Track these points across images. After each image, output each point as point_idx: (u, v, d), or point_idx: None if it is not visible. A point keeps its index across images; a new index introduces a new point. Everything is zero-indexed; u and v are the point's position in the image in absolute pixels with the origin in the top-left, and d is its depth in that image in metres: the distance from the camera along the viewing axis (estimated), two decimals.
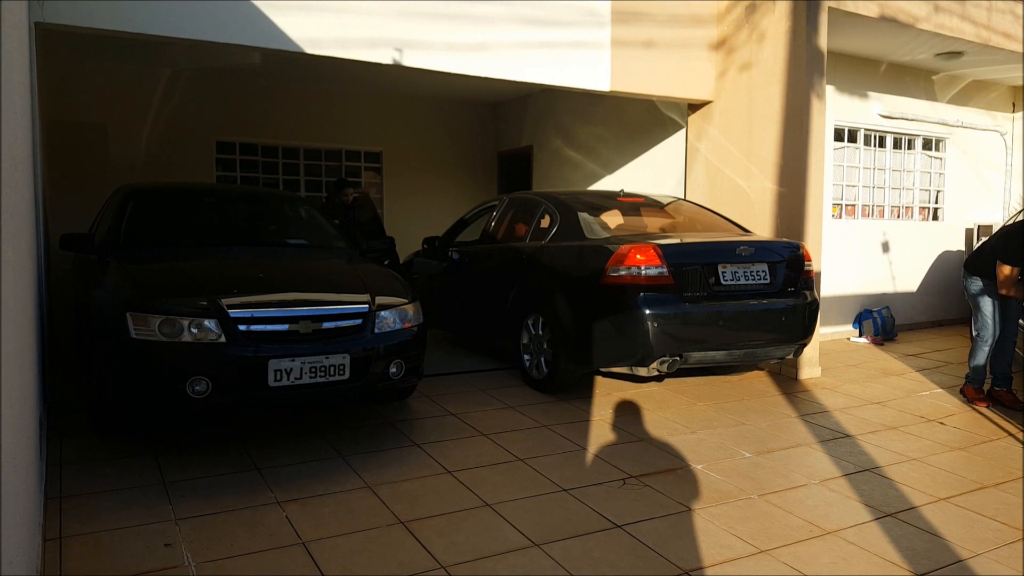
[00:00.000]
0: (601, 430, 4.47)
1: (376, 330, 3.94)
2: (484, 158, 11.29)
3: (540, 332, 5.31)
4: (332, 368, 3.71)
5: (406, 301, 4.21)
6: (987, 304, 5.02)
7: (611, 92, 6.39)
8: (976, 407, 5.12)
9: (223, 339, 3.52)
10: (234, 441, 4.06)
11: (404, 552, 2.86)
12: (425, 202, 10.37)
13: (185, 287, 3.80)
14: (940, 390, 5.65)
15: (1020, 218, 6.78)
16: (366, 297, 4.00)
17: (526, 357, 5.49)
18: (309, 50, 4.99)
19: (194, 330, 3.49)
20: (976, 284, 5.05)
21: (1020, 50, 7.31)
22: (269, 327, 3.65)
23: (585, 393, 5.28)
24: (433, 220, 8.84)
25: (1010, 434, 4.56)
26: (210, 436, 4.13)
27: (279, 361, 3.57)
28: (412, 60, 5.39)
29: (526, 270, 5.61)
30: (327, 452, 3.93)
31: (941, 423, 4.81)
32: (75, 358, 4.53)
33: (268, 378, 3.56)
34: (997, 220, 8.89)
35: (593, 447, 4.15)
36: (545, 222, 5.72)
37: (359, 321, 3.91)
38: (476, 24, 5.56)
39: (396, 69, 5.44)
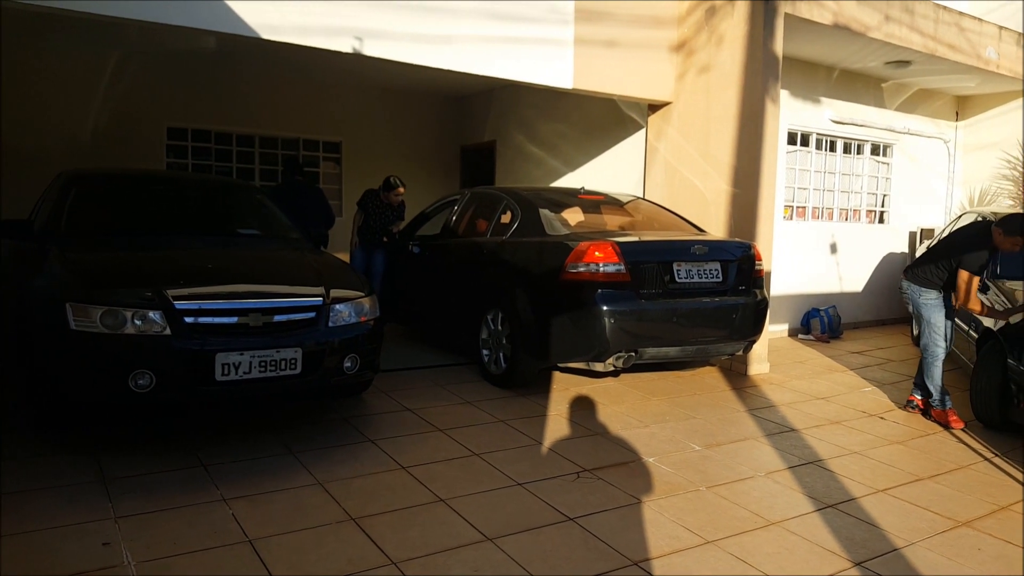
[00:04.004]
0: (557, 424, 4.50)
1: (330, 323, 3.87)
2: (447, 152, 11.24)
3: (499, 327, 5.31)
4: (283, 362, 3.64)
5: (362, 294, 4.15)
6: (940, 317, 4.76)
7: (573, 90, 6.42)
8: (953, 430, 4.70)
9: (168, 331, 3.42)
10: (179, 437, 3.96)
11: (355, 549, 2.83)
12: None
13: (129, 277, 3.68)
14: (881, 386, 5.83)
15: (970, 220, 6.73)
16: (320, 290, 3.94)
17: (485, 352, 5.48)
18: (266, 36, 4.88)
19: (138, 322, 3.38)
20: (929, 295, 4.78)
21: (963, 61, 7.57)
22: (217, 319, 3.56)
23: (543, 388, 5.30)
24: None
25: (984, 458, 4.72)
26: (154, 432, 4.01)
27: (227, 355, 3.49)
28: (373, 50, 5.32)
29: (486, 265, 5.61)
30: (277, 448, 3.86)
31: (881, 418, 4.97)
32: (11, 350, 4.36)
33: (215, 372, 3.47)
34: (939, 224, 9.21)
35: (549, 441, 4.18)
36: (506, 218, 5.72)
37: (312, 314, 3.84)
38: (440, 16, 5.52)
39: (357, 58, 5.37)
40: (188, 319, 3.49)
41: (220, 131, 9.45)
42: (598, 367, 4.97)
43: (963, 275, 4.56)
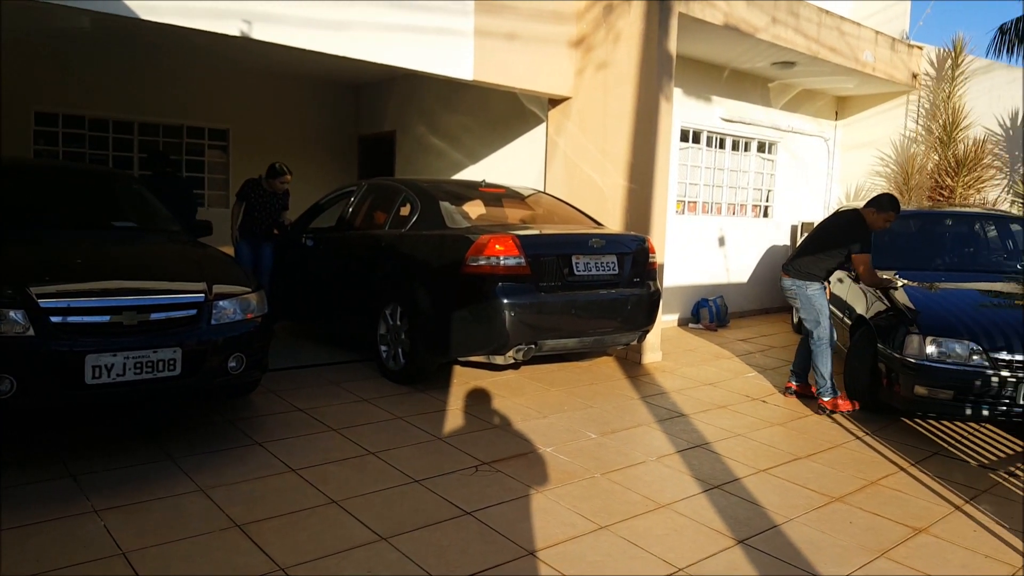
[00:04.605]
0: (457, 419, 4.48)
1: (213, 321, 3.69)
2: (343, 141, 10.94)
3: (398, 322, 5.23)
4: (161, 363, 3.43)
5: (248, 290, 3.98)
6: (825, 306, 4.96)
7: (474, 81, 6.38)
8: (836, 414, 4.88)
9: (31, 332, 3.15)
10: (45, 447, 3.66)
11: (239, 556, 2.71)
12: None
13: None
14: (764, 372, 6.15)
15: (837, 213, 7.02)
16: (202, 286, 3.74)
17: (383, 348, 5.38)
18: (145, 16, 4.57)
19: None
20: (814, 287, 4.96)
21: (843, 63, 8.06)
22: (87, 319, 3.31)
23: (442, 383, 5.26)
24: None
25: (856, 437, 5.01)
26: (15, 442, 3.69)
27: (98, 356, 3.25)
28: (263, 34, 5.09)
29: (385, 259, 5.51)
30: (155, 455, 3.64)
31: (764, 401, 5.24)
32: None
33: (85, 375, 3.23)
34: (818, 218, 9.79)
35: (448, 436, 4.15)
36: (405, 210, 5.63)
37: (193, 312, 3.64)
38: (334, 0, 5.33)
39: (245, 42, 5.12)
40: (55, 319, 3.24)
41: (95, 117, 8.80)
42: (499, 360, 4.98)
43: (863, 258, 4.79)
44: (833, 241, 4.97)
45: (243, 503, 3.15)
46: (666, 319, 7.84)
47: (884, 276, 5.08)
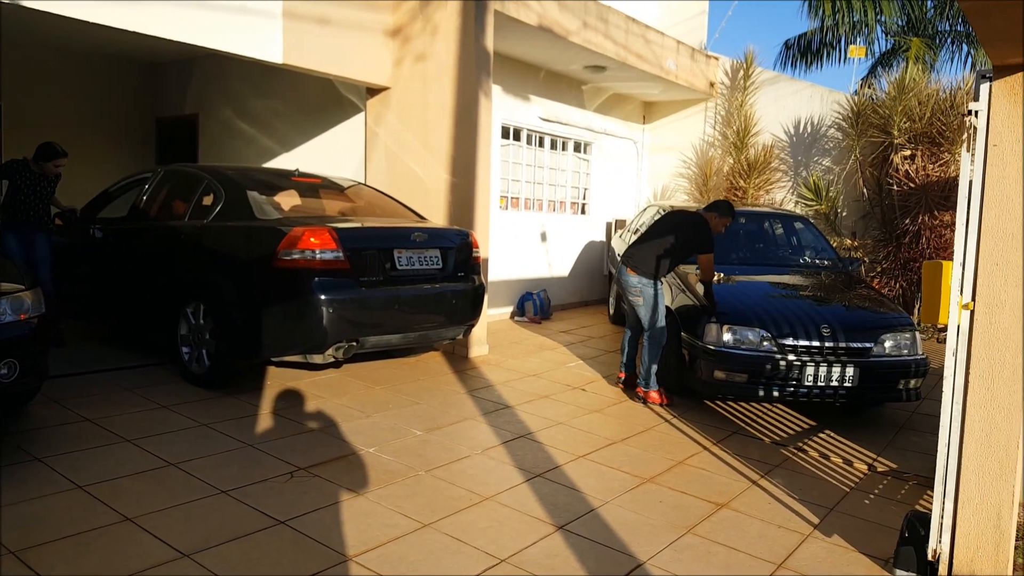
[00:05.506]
0: (270, 424, 4.20)
1: None
2: (139, 124, 9.91)
3: (201, 321, 4.81)
4: None
5: (21, 287, 3.48)
6: (663, 304, 5.05)
7: (284, 65, 6.04)
8: (653, 406, 5.06)
9: None
10: None
11: None
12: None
13: None
14: (584, 361, 6.44)
15: (655, 212, 7.41)
16: None
17: (185, 349, 4.93)
18: None
19: None
20: (657, 286, 5.04)
21: (649, 70, 8.64)
22: None
23: (255, 385, 4.93)
24: (72, 191, 7.39)
25: (666, 420, 5.33)
26: None
27: None
28: (37, 2, 4.45)
29: (185, 252, 5.07)
30: None
31: (583, 390, 5.48)
32: None
33: None
34: (630, 215, 10.45)
35: (260, 442, 3.87)
36: (208, 199, 5.20)
37: None
38: None
39: (16, 10, 4.44)
40: None
41: None
42: (317, 359, 4.75)
43: (710, 258, 4.98)
44: (681, 243, 5.07)
45: (20, 527, 2.74)
46: (493, 313, 7.96)
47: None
